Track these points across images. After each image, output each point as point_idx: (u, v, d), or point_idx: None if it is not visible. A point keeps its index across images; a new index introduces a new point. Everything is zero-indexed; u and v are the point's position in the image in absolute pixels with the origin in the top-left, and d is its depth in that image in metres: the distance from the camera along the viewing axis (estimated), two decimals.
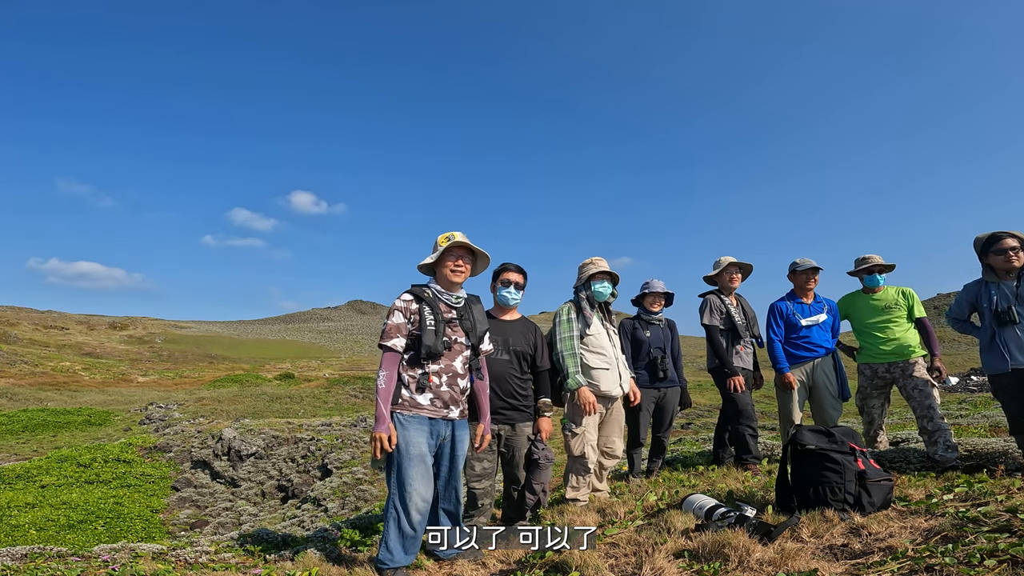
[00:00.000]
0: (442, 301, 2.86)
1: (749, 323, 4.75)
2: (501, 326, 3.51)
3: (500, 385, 3.39)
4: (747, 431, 4.51)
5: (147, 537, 8.95)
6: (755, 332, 4.79)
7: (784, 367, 4.48)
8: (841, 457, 2.69)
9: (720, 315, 4.64)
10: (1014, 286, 3.42)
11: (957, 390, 17.15)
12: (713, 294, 4.76)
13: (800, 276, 4.61)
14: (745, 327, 4.66)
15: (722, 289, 4.75)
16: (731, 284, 4.73)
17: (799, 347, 4.53)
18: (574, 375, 3.60)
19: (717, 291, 4.77)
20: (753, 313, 4.87)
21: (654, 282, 4.72)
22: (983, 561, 1.81)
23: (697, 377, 28.61)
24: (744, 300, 4.88)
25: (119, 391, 29.78)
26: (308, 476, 12.22)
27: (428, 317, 2.73)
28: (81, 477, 11.48)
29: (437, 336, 2.70)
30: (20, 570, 2.76)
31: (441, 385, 2.76)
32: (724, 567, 2.16)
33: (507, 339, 3.47)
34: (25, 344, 40.75)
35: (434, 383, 2.74)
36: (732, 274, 4.73)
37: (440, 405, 2.76)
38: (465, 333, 2.87)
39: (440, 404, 2.76)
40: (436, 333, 2.70)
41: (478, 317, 2.96)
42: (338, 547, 3.47)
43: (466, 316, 2.89)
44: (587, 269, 3.92)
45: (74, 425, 18.60)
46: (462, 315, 2.89)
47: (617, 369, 3.81)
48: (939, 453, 3.64)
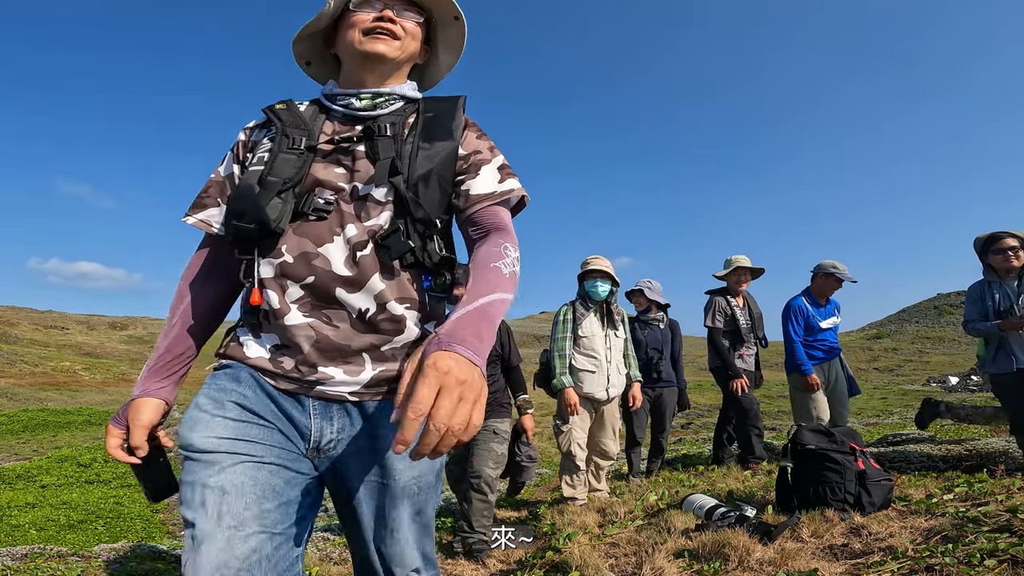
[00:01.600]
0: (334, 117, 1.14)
1: (755, 324, 4.72)
2: None
3: None
4: (753, 431, 4.50)
5: (147, 537, 8.94)
6: (759, 334, 4.77)
7: (808, 369, 4.37)
8: (841, 457, 2.70)
9: (724, 317, 4.62)
10: (1015, 285, 3.43)
11: (957, 390, 17.15)
12: (720, 293, 4.73)
13: (831, 282, 4.53)
14: (749, 330, 4.64)
15: (730, 289, 4.73)
16: (739, 286, 4.71)
17: (817, 348, 4.49)
18: (560, 376, 3.68)
19: (725, 290, 4.75)
20: (759, 313, 4.84)
21: (643, 283, 4.75)
22: (983, 561, 1.81)
23: (697, 377, 28.57)
24: (752, 300, 4.85)
25: (119, 391, 29.77)
26: None
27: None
28: (81, 477, 11.47)
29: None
30: (20, 570, 2.76)
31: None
32: (724, 567, 2.16)
33: None
34: (25, 344, 40.78)
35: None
36: (741, 276, 4.71)
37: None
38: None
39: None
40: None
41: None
42: (338, 547, 3.47)
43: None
44: (583, 267, 3.94)
45: (74, 425, 18.59)
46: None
47: (606, 372, 3.78)
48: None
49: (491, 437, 3.20)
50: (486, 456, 3.15)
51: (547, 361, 3.89)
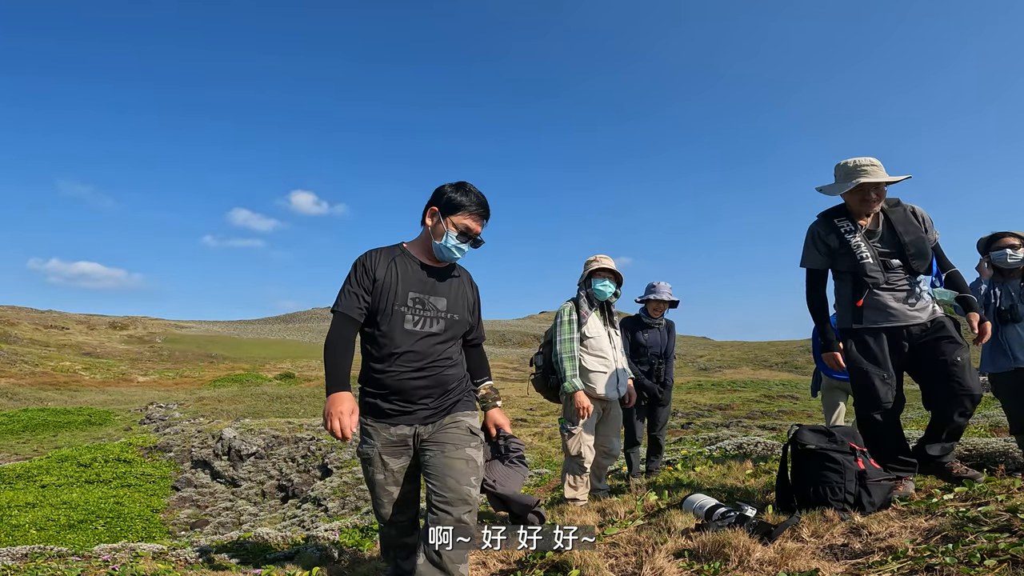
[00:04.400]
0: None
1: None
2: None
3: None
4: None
5: (147, 537, 8.94)
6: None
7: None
8: (841, 457, 2.69)
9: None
10: (1019, 284, 3.44)
11: None
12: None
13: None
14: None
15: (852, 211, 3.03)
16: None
17: None
18: (571, 378, 3.59)
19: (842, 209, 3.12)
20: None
21: (661, 287, 4.69)
22: (983, 561, 1.81)
23: (697, 377, 28.54)
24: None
25: (119, 391, 29.78)
26: (308, 476, 12.22)
27: None
28: (81, 477, 11.48)
29: None
30: (20, 570, 2.76)
31: None
32: (724, 567, 2.16)
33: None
34: (25, 344, 40.76)
35: None
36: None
37: None
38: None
39: None
40: None
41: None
42: (338, 547, 3.48)
43: None
44: (590, 266, 3.87)
45: (74, 425, 18.59)
46: None
47: (616, 372, 3.79)
48: None
49: (466, 439, 2.18)
50: (464, 471, 2.08)
51: (545, 363, 3.82)
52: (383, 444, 2.19)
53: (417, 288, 2.21)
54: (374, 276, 2.18)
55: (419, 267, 2.26)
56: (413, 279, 2.22)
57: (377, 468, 2.20)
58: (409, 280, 2.21)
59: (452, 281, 2.32)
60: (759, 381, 27.80)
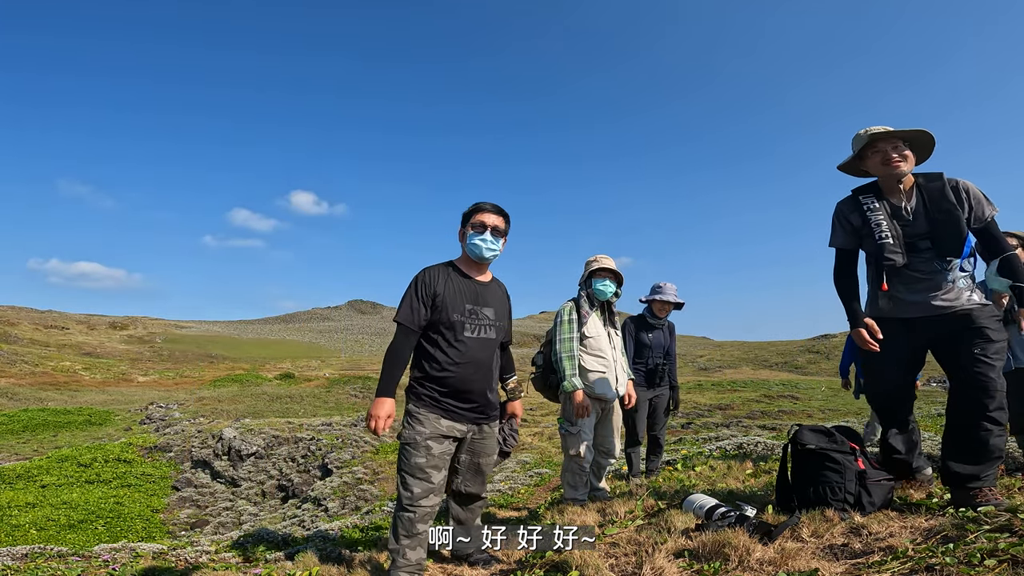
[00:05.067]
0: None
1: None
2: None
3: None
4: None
5: (147, 537, 8.94)
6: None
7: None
8: (841, 457, 2.69)
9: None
10: None
11: None
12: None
13: None
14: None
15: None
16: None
17: None
18: (570, 378, 3.58)
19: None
20: None
21: (667, 288, 4.68)
22: (983, 561, 1.81)
23: (697, 377, 28.56)
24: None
25: (119, 391, 29.79)
26: (308, 476, 12.23)
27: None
28: (81, 477, 11.49)
29: None
30: (21, 569, 2.76)
31: None
32: (724, 567, 2.16)
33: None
34: (25, 344, 40.76)
35: None
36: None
37: None
38: None
39: None
40: None
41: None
42: (338, 547, 3.48)
43: None
44: (590, 265, 3.86)
45: (74, 425, 18.60)
46: None
47: (615, 372, 3.78)
48: None
49: (495, 447, 2.79)
50: (485, 472, 2.77)
51: (545, 363, 3.82)
52: (431, 432, 2.48)
53: (471, 300, 2.58)
54: (434, 291, 2.51)
55: (469, 281, 2.62)
56: (467, 291, 2.58)
57: (420, 452, 2.46)
58: (464, 293, 2.57)
59: (496, 292, 2.72)
60: (759, 381, 27.82)
